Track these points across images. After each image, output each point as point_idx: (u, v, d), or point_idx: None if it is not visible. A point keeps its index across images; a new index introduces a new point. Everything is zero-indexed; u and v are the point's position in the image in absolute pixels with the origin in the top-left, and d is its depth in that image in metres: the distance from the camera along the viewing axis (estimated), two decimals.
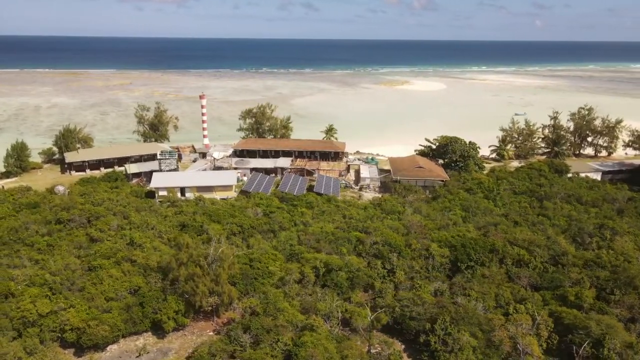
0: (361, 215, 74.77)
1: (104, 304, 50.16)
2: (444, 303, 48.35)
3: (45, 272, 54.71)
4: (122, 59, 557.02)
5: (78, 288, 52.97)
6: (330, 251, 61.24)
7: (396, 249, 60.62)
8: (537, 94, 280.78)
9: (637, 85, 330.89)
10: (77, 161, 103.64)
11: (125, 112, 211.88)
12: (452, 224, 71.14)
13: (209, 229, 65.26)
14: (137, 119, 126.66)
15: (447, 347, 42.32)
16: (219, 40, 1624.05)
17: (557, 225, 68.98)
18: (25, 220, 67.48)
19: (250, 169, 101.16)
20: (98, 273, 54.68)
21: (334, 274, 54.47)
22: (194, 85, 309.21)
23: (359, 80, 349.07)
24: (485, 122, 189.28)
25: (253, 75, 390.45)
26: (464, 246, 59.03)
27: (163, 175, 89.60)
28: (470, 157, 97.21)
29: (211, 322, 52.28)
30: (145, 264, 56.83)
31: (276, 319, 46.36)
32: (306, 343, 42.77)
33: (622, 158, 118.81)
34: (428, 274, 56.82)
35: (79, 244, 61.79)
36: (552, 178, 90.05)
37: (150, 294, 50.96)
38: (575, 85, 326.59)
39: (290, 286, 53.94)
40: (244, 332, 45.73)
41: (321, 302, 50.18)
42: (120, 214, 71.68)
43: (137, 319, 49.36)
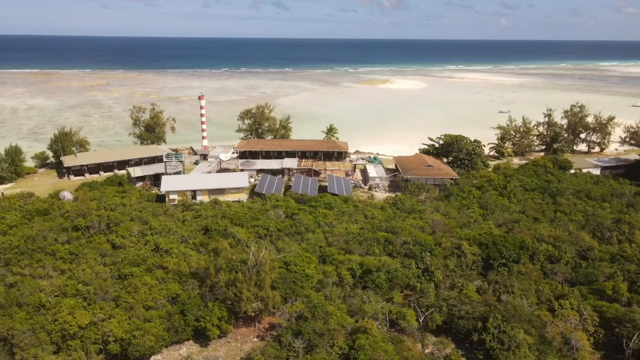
0: (382, 215, 74.75)
1: (143, 313, 48.52)
2: (490, 301, 48.77)
3: (75, 281, 52.70)
4: (93, 59, 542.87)
5: (111, 297, 51.18)
6: (361, 252, 61.02)
7: (427, 248, 60.87)
8: (515, 92, 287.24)
9: (608, 82, 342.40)
10: (75, 165, 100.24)
11: (108, 113, 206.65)
12: (473, 222, 71.96)
13: (234, 232, 64.05)
14: (132, 120, 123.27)
15: (504, 346, 42.62)
16: (189, 40, 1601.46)
17: (575, 221, 70.53)
18: (39, 228, 64.78)
19: (257, 170, 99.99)
20: (130, 281, 52.90)
21: (374, 275, 54.20)
22: (174, 86, 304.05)
23: (339, 80, 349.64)
24: (473, 120, 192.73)
25: (232, 75, 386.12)
26: (495, 243, 59.65)
27: (173, 178, 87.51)
28: (476, 155, 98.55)
29: (252, 328, 51.28)
30: (177, 270, 55.36)
31: (328, 323, 45.79)
32: (364, 346, 42.40)
33: (614, 154, 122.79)
34: (462, 272, 57.18)
35: (102, 251, 59.68)
36: (558, 174, 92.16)
37: (190, 301, 49.62)
38: (550, 83, 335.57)
39: (329, 289, 53.42)
40: (295, 337, 45.01)
41: (366, 304, 49.86)
42: (138, 219, 69.66)
43: (179, 327, 47.98)
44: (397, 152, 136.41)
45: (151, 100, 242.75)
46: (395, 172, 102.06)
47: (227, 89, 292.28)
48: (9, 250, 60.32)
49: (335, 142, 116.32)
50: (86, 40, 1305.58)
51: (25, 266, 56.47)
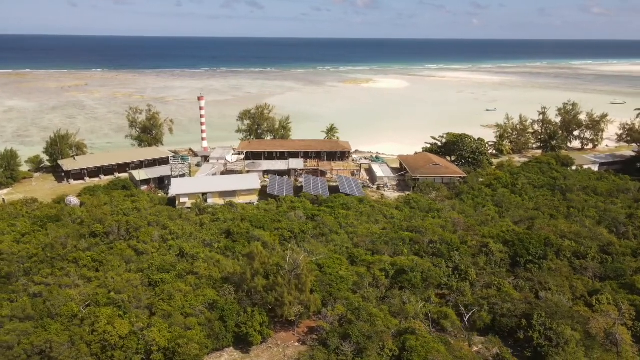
0: (401, 215, 74.88)
1: (182, 320, 47.27)
2: (530, 298, 49.36)
3: (105, 289, 51.02)
4: (67, 59, 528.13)
5: (145, 305, 49.76)
6: (389, 252, 60.96)
7: (453, 247, 61.23)
8: (497, 90, 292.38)
9: (584, 80, 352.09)
10: (75, 169, 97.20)
11: (93, 115, 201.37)
12: (490, 220, 72.78)
13: (259, 235, 63.10)
14: (129, 122, 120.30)
15: (552, 342, 43.15)
16: (163, 39, 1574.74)
17: (589, 217, 72.12)
18: (55, 235, 62.47)
19: (263, 171, 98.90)
20: (162, 288, 51.53)
21: (409, 275, 54.17)
22: (157, 86, 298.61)
23: (323, 79, 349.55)
24: (462, 118, 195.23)
25: (213, 74, 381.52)
26: (522, 241, 60.41)
27: (183, 181, 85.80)
28: (481, 154, 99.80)
29: (291, 333, 50.57)
30: (209, 275, 54.21)
31: (375, 325, 45.53)
32: (416, 347, 42.33)
33: (606, 150, 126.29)
34: (492, 270, 57.72)
35: (126, 258, 57.97)
36: (563, 171, 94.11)
37: (229, 307, 48.60)
38: (529, 82, 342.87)
39: (365, 290, 53.20)
40: (343, 341, 44.59)
41: (407, 304, 49.82)
42: (155, 223, 67.97)
43: (220, 334, 46.96)
44: (394, 151, 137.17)
45: (134, 101, 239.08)
46: (401, 171, 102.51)
47: (211, 89, 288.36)
48: (27, 259, 58.02)
49: (338, 142, 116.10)
50: (55, 39, 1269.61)
51: (47, 275, 54.40)
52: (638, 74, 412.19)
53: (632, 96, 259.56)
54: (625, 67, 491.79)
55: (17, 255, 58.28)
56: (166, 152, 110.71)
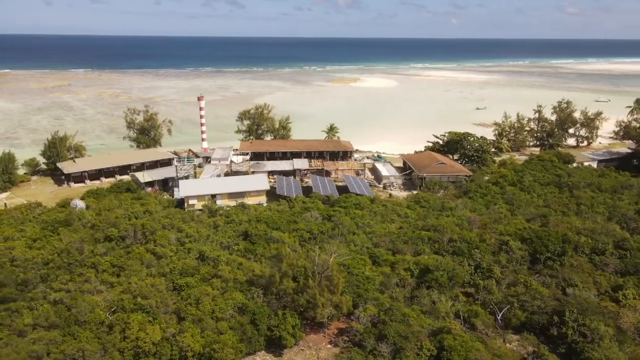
0: (414, 214, 75.03)
1: (213, 325, 46.45)
2: (559, 295, 49.90)
3: (129, 295, 49.86)
4: (47, 59, 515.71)
5: (172, 310, 48.79)
6: (410, 252, 60.97)
7: (473, 245, 61.58)
8: (483, 89, 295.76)
9: (566, 79, 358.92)
10: (76, 172, 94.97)
11: (81, 116, 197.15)
12: (503, 217, 73.43)
13: (278, 237, 62.50)
14: (126, 123, 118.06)
15: (587, 338, 43.67)
16: (142, 38, 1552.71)
17: (599, 213, 73.34)
18: (69, 240, 60.82)
19: (268, 172, 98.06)
20: (188, 292, 50.60)
21: (435, 274, 54.24)
22: (143, 86, 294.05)
23: (310, 78, 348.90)
24: (453, 117, 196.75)
25: (199, 74, 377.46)
26: (540, 238, 61.09)
27: (192, 182, 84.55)
28: (486, 152, 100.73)
29: (321, 335, 50.15)
30: (234, 278, 53.43)
31: (410, 325, 45.43)
32: (455, 347, 42.38)
33: (600, 147, 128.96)
34: (514, 268, 58.20)
35: (147, 262, 56.76)
36: (565, 168, 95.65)
37: (260, 310, 47.95)
38: (513, 80, 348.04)
39: (393, 290, 53.11)
40: (379, 341, 44.41)
41: (437, 303, 49.89)
42: (170, 226, 66.78)
43: (252, 338, 46.29)
44: (390, 150, 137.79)
45: (122, 101, 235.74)
46: (405, 170, 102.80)
47: (199, 89, 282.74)
48: (42, 265, 56.40)
49: (340, 142, 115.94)
50: (32, 39, 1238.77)
51: (66, 281, 52.91)
52: (617, 72, 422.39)
53: (614, 94, 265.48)
54: (604, 66, 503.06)
55: (32, 262, 56.71)
56: (167, 154, 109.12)
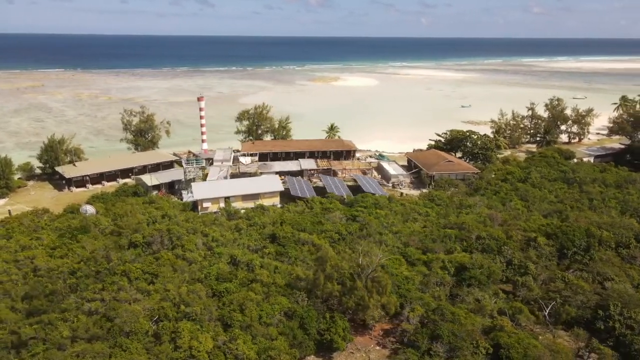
0: (434, 212, 75.37)
1: (263, 330, 45.46)
2: (598, 289, 50.89)
3: (169, 303, 48.29)
4: (14, 58, 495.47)
5: (216, 317, 47.50)
6: (441, 250, 61.18)
7: (501, 242, 62.26)
8: (463, 87, 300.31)
9: (540, 77, 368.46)
10: (77, 176, 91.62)
11: (63, 118, 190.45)
12: (521, 214, 74.52)
13: (308, 239, 61.76)
14: (123, 125, 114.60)
15: (634, 331, 44.68)
16: (109, 37, 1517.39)
17: (612, 207, 75.30)
18: (92, 247, 58.57)
19: (275, 172, 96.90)
20: (230, 298, 49.36)
21: (472, 272, 54.58)
22: (121, 86, 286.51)
23: (291, 78, 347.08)
24: (441, 114, 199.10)
25: (176, 74, 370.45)
26: (566, 233, 62.24)
27: (205, 185, 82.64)
28: (490, 149, 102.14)
29: (367, 336, 49.77)
30: (272, 282, 52.45)
31: (462, 324, 45.50)
32: (512, 344, 42.67)
33: (590, 143, 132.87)
34: (545, 263, 59.07)
35: (179, 268, 55.10)
36: (568, 164, 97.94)
37: (308, 314, 47.23)
38: (490, 79, 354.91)
39: (434, 289, 53.18)
40: (434, 341, 44.34)
41: (482, 301, 50.18)
42: (193, 230, 65.07)
43: (304, 343, 45.53)
44: (387, 148, 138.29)
45: (102, 102, 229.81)
46: (411, 168, 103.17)
47: (180, 89, 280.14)
48: (68, 274, 54.07)
49: (343, 141, 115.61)
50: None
51: (98, 290, 50.86)
52: (587, 70, 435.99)
53: (588, 91, 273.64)
54: (573, 64, 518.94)
55: (57, 271, 54.36)
56: (169, 156, 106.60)
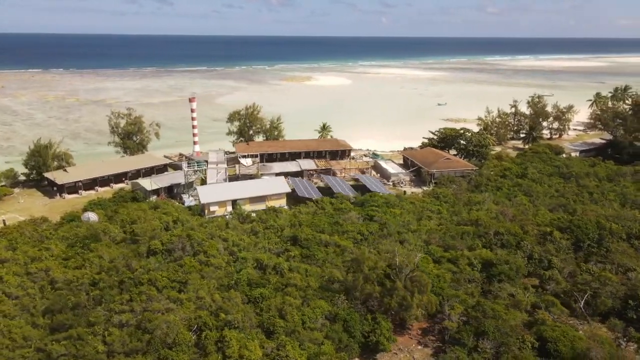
0: (445, 209, 76.11)
1: (308, 335, 44.58)
2: (624, 280, 52.59)
3: (205, 311, 46.69)
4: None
5: (256, 324, 46.22)
6: (463, 247, 61.76)
7: (518, 237, 63.49)
8: (435, 85, 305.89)
9: (505, 75, 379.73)
10: (70, 182, 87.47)
11: (32, 121, 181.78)
12: (528, 209, 76.26)
13: (332, 240, 61.10)
14: (110, 127, 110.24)
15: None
16: (68, 36, 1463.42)
17: (612, 200, 78.15)
18: (111, 256, 55.97)
19: (276, 173, 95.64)
20: (267, 304, 48.19)
21: (500, 267, 55.39)
22: (88, 87, 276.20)
23: (262, 77, 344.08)
24: (419, 113, 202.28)
25: (144, 74, 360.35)
26: (579, 226, 64.09)
27: (212, 188, 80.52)
28: (485, 146, 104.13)
29: (407, 336, 49.67)
30: (307, 285, 51.56)
31: (505, 320, 46.02)
32: (558, 337, 43.48)
33: (571, 138, 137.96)
34: (564, 257, 60.58)
35: (206, 274, 53.34)
36: (561, 160, 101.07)
37: (351, 316, 46.68)
38: (458, 77, 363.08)
39: (465, 286, 53.64)
40: (479, 338, 44.68)
41: (516, 296, 50.97)
42: (210, 235, 63.18)
43: (350, 345, 44.96)
44: (374, 147, 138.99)
45: (71, 104, 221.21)
46: (408, 167, 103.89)
47: (151, 90, 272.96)
48: (89, 286, 51.43)
49: (338, 141, 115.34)
50: None
51: (125, 301, 48.62)
52: (547, 68, 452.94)
53: (553, 88, 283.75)
54: (533, 62, 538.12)
55: (77, 283, 51.61)
56: (162, 159, 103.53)
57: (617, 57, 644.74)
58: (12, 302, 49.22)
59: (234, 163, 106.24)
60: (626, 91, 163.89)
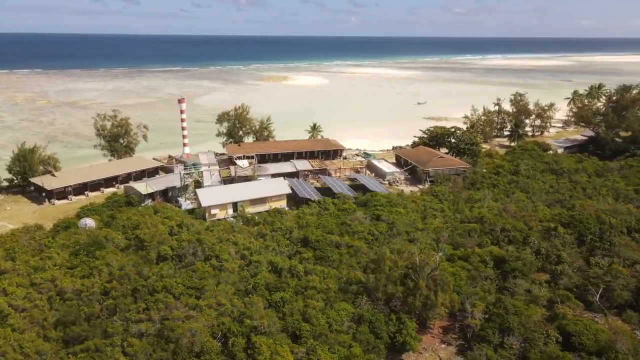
0: (447, 207, 76.75)
1: (335, 338, 44.04)
2: (633, 272, 54.11)
3: (228, 317, 45.59)
4: None
5: (281, 328, 45.42)
6: (473, 244, 62.41)
7: (524, 233, 64.61)
8: (412, 84, 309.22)
9: (477, 74, 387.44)
10: (59, 187, 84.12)
11: (2, 123, 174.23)
12: (527, 205, 77.74)
13: (343, 241, 60.69)
14: (96, 130, 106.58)
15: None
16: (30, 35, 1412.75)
17: (605, 195, 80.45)
18: (120, 264, 54.00)
19: (271, 175, 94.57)
20: (290, 307, 47.42)
21: (513, 264, 56.15)
22: (58, 89, 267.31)
23: (239, 77, 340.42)
24: (400, 112, 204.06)
25: (115, 74, 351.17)
26: (581, 221, 65.68)
27: (212, 190, 78.86)
28: (476, 144, 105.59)
29: (429, 335, 49.76)
30: (326, 288, 51.01)
31: (528, 316, 46.62)
32: (582, 331, 44.34)
33: (550, 136, 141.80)
34: (569, 251, 61.95)
35: (222, 279, 52.08)
36: (550, 156, 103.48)
37: (376, 318, 46.40)
38: (434, 76, 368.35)
39: (482, 283, 54.16)
40: (505, 335, 45.12)
41: (532, 291, 51.76)
42: (218, 239, 61.71)
43: (376, 347, 44.66)
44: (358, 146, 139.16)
45: (42, 106, 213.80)
46: (403, 166, 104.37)
47: (125, 91, 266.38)
48: (100, 295, 49.47)
49: (330, 141, 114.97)
50: None
51: (143, 310, 46.97)
52: (517, 67, 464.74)
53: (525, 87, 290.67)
54: (501, 62, 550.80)
55: (87, 292, 49.57)
56: (153, 162, 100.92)
57: (581, 57, 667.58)
58: (20, 315, 46.84)
59: (226, 165, 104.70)
60: (600, 89, 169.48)
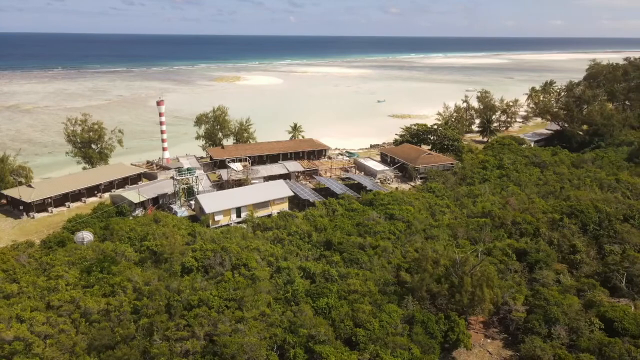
0: (450, 202, 78.01)
1: (392, 341, 43.28)
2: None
3: (279, 328, 43.67)
4: None
5: (334, 335, 44.09)
6: (490, 239, 63.74)
7: (533, 225, 66.90)
8: (366, 83, 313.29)
9: (425, 72, 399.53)
10: (39, 199, 77.26)
11: None
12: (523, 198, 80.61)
13: (370, 243, 60.05)
14: (66, 136, 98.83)
15: None
16: None
17: (589, 185, 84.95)
18: (144, 280, 50.25)
19: (263, 177, 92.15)
20: (339, 313, 46.17)
21: (539, 255, 57.88)
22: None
23: (189, 78, 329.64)
24: (364, 110, 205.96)
25: (54, 75, 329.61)
26: (582, 211, 68.90)
27: (215, 196, 75.36)
28: (458, 140, 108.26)
29: (472, 331, 50.16)
30: (368, 290, 50.14)
31: (570, 305, 48.12)
32: (622, 317, 46.32)
33: (516, 130, 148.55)
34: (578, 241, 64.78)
35: (258, 288, 49.75)
36: (528, 150, 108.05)
37: (428, 318, 46.15)
38: (384, 74, 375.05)
39: (511, 276, 55.38)
40: (552, 325, 46.32)
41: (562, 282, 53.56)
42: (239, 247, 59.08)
43: (433, 347, 44.42)
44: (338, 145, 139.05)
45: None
46: (390, 164, 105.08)
47: (69, 93, 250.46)
48: (136, 313, 45.82)
49: (314, 141, 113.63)
50: None
51: (183, 326, 43.92)
52: (458, 65, 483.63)
53: (473, 84, 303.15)
54: (443, 60, 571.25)
55: (117, 312, 45.73)
56: (134, 168, 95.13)
57: (512, 55, 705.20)
58: (45, 342, 42.37)
59: (210, 169, 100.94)
60: (551, 85, 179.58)
